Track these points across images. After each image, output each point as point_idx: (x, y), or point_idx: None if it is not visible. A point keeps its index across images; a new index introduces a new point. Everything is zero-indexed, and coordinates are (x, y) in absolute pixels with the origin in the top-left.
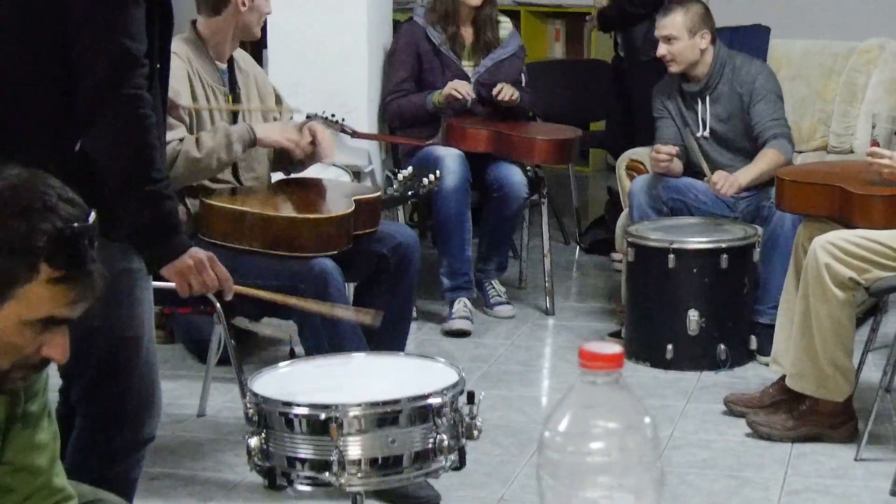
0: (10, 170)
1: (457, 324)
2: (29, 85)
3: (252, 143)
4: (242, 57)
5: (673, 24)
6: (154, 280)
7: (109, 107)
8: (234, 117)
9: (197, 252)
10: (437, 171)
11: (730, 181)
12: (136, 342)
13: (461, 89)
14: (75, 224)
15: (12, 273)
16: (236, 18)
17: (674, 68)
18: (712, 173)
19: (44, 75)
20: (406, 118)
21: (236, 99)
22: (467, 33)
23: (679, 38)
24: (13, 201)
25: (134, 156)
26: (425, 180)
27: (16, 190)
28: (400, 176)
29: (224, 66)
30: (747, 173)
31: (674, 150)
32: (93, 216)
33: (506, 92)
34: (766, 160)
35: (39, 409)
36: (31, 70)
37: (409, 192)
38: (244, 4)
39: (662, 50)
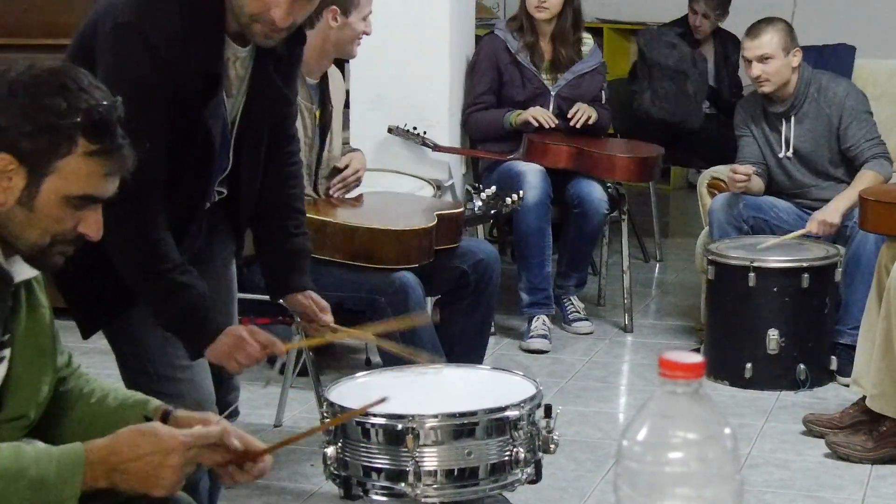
0: (43, 63)
1: (535, 343)
2: None
3: None
4: (338, 79)
5: (769, 43)
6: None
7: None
8: (321, 133)
9: (235, 330)
10: (521, 191)
11: (827, 224)
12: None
13: (539, 117)
14: (106, 102)
15: (53, 146)
16: (327, 34)
17: (767, 88)
18: (798, 206)
19: None
20: (483, 132)
21: (325, 117)
22: (546, 48)
23: (774, 57)
24: (51, 82)
25: (132, 254)
26: (508, 200)
27: (52, 73)
28: (483, 195)
29: (314, 81)
30: (845, 200)
31: (751, 169)
32: (119, 99)
33: (581, 115)
34: (864, 182)
35: None
36: None
37: (492, 212)
38: (335, 20)
39: (757, 70)
